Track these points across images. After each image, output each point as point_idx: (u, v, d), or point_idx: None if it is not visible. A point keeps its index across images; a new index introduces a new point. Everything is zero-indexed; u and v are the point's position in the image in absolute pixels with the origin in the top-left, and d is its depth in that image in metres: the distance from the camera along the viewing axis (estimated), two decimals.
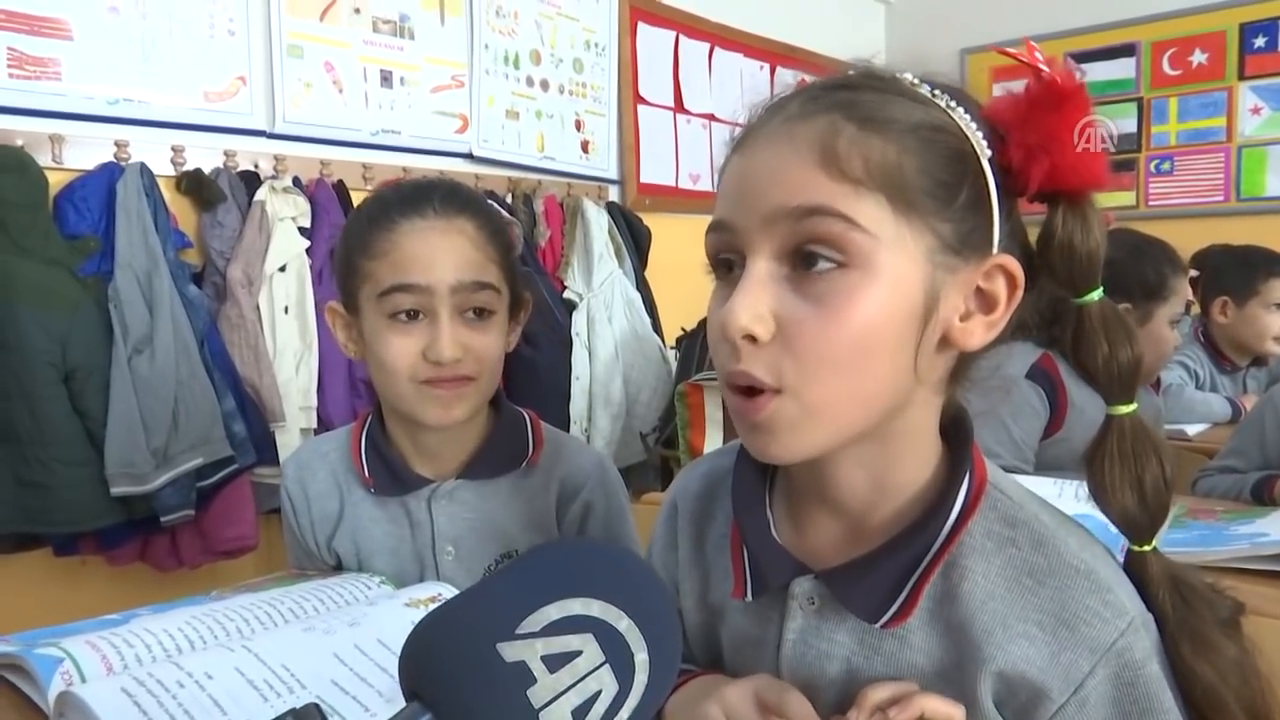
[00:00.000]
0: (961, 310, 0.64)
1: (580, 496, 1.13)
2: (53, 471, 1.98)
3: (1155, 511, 0.66)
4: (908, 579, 0.66)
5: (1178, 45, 4.20)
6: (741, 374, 0.62)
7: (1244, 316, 2.57)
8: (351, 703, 0.79)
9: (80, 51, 2.19)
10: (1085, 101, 0.63)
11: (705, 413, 2.53)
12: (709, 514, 0.82)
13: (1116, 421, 0.67)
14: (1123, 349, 0.66)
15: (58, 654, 0.81)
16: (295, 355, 2.43)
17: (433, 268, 1.01)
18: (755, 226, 0.63)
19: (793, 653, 0.71)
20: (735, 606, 0.76)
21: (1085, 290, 0.66)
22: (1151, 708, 0.62)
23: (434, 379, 1.02)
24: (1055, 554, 0.65)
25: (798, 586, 0.71)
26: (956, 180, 0.61)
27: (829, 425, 0.63)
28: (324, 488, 1.16)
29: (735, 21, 4.03)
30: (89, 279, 2.09)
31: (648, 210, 3.59)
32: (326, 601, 0.99)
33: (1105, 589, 0.64)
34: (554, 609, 0.43)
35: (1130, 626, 0.63)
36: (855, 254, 0.60)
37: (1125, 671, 0.62)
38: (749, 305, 0.61)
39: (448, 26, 2.97)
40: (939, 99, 0.63)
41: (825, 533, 0.72)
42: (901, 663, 0.67)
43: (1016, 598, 0.65)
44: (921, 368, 0.63)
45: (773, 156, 0.63)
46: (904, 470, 0.69)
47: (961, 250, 0.62)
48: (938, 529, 0.66)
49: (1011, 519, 0.67)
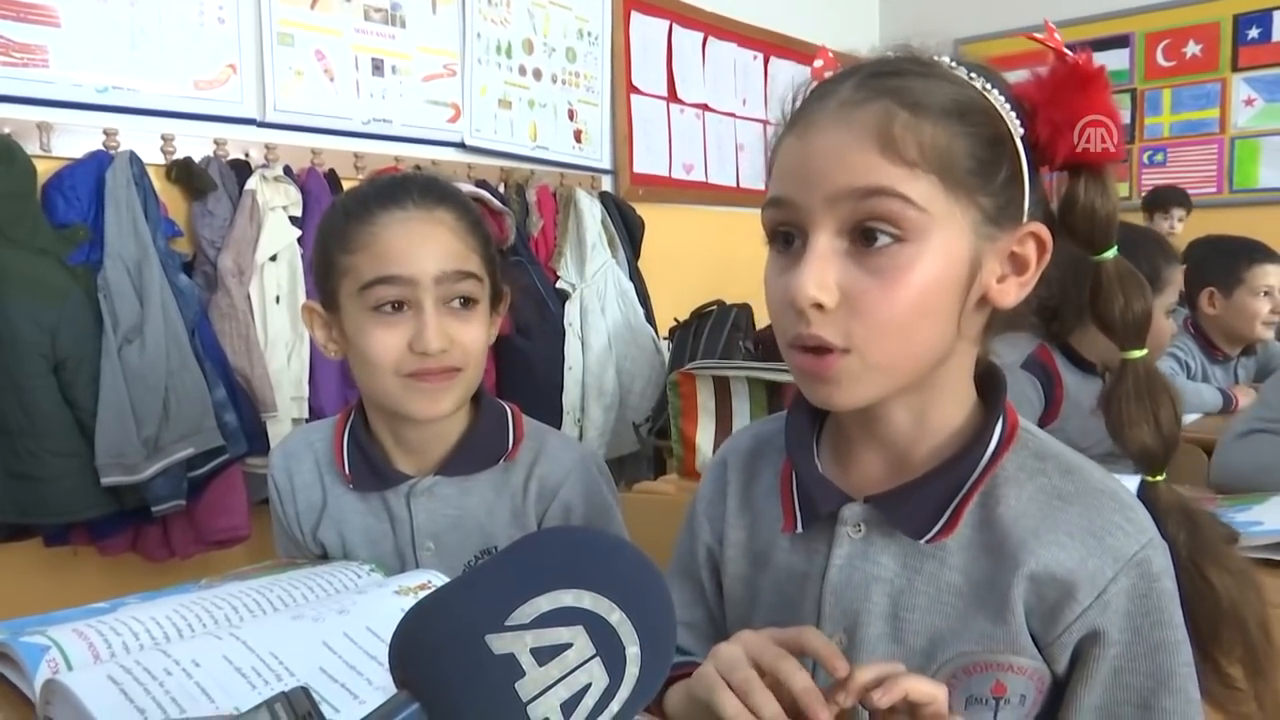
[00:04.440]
0: (998, 273, 0.71)
1: (559, 495, 1.12)
2: (43, 462, 1.97)
3: (1169, 443, 0.75)
4: (950, 501, 0.73)
5: (1171, 36, 4.20)
6: (813, 336, 0.69)
7: (1233, 305, 2.60)
8: (340, 690, 0.78)
9: (68, 38, 2.17)
10: (1105, 85, 0.71)
11: (698, 402, 2.53)
12: (757, 468, 0.89)
13: (1131, 365, 0.75)
14: (1136, 300, 0.74)
15: (44, 642, 0.80)
16: (287, 345, 2.43)
17: (415, 258, 1.00)
18: (818, 205, 0.68)
19: (839, 578, 0.77)
20: (782, 546, 0.82)
21: (1103, 248, 0.74)
22: (1162, 620, 0.69)
23: (420, 371, 1.02)
24: (1082, 479, 0.73)
25: (847, 512, 0.77)
26: (996, 159, 0.69)
27: (886, 378, 0.70)
28: (309, 478, 1.15)
29: (729, 11, 4.02)
30: (78, 268, 2.08)
31: (641, 200, 3.58)
32: (315, 589, 0.98)
33: (1129, 507, 0.72)
34: (545, 600, 0.42)
35: (1150, 543, 0.70)
36: (911, 229, 0.67)
37: (1141, 583, 0.69)
38: (816, 277, 0.67)
39: (439, 15, 2.96)
40: (975, 80, 0.70)
41: (871, 468, 0.79)
42: (941, 582, 0.73)
43: (1047, 514, 0.71)
44: (963, 325, 0.71)
45: (833, 140, 0.69)
46: (942, 411, 0.76)
47: (1000, 220, 0.70)
48: (976, 460, 0.74)
49: (1041, 453, 0.75)
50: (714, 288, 3.34)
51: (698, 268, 3.60)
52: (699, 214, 3.84)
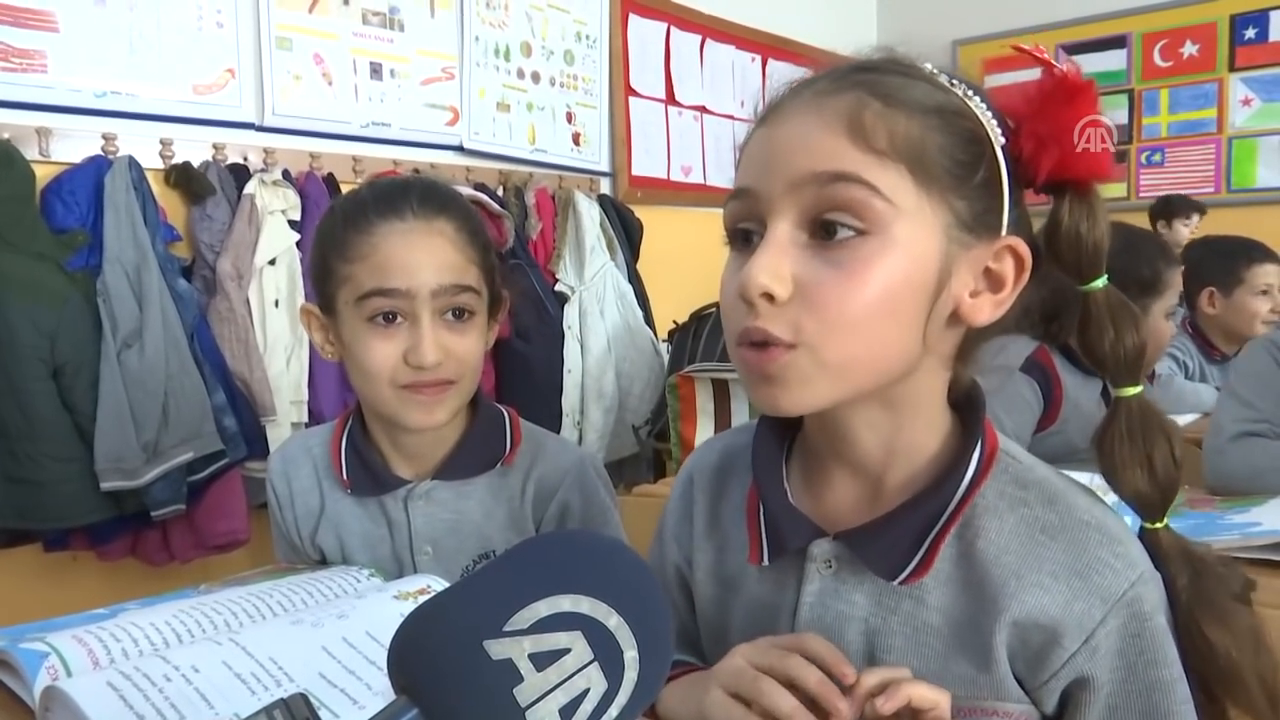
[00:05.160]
0: (971, 287, 0.67)
1: (557, 497, 1.12)
2: (42, 467, 1.97)
3: (1166, 488, 0.70)
4: (925, 536, 0.68)
5: (1169, 37, 4.20)
6: (758, 330, 0.64)
7: (1232, 305, 2.61)
8: (340, 696, 0.78)
9: (67, 43, 2.17)
10: (1094, 98, 0.66)
11: (697, 404, 2.53)
12: (725, 486, 0.84)
13: (1124, 403, 0.70)
14: (1128, 333, 0.69)
15: (43, 648, 0.80)
16: (286, 349, 2.42)
17: (413, 271, 1.00)
18: (779, 192, 0.65)
19: (810, 615, 0.73)
20: (751, 575, 0.78)
21: (1091, 277, 0.69)
22: (1156, 659, 0.64)
23: (415, 384, 1.01)
24: (1066, 510, 0.68)
25: (816, 548, 0.72)
26: (973, 160, 0.65)
27: (838, 381, 0.65)
28: (307, 484, 1.15)
29: (727, 14, 4.02)
30: (77, 273, 2.08)
31: (639, 203, 3.58)
32: (315, 594, 0.98)
33: (1116, 541, 0.66)
34: (543, 605, 0.42)
35: (1140, 579, 0.65)
36: (875, 221, 0.62)
37: (1133, 622, 0.65)
38: (769, 265, 0.63)
39: (438, 18, 2.96)
40: (956, 87, 0.67)
41: (843, 496, 0.74)
42: (918, 622, 0.69)
43: (1030, 551, 0.67)
44: (930, 338, 0.66)
45: (800, 125, 0.65)
46: (913, 434, 0.71)
47: (975, 228, 0.65)
48: (952, 490, 0.69)
49: (1023, 480, 0.70)
50: (713, 290, 3.29)
51: (696, 270, 3.58)
52: (697, 216, 3.84)
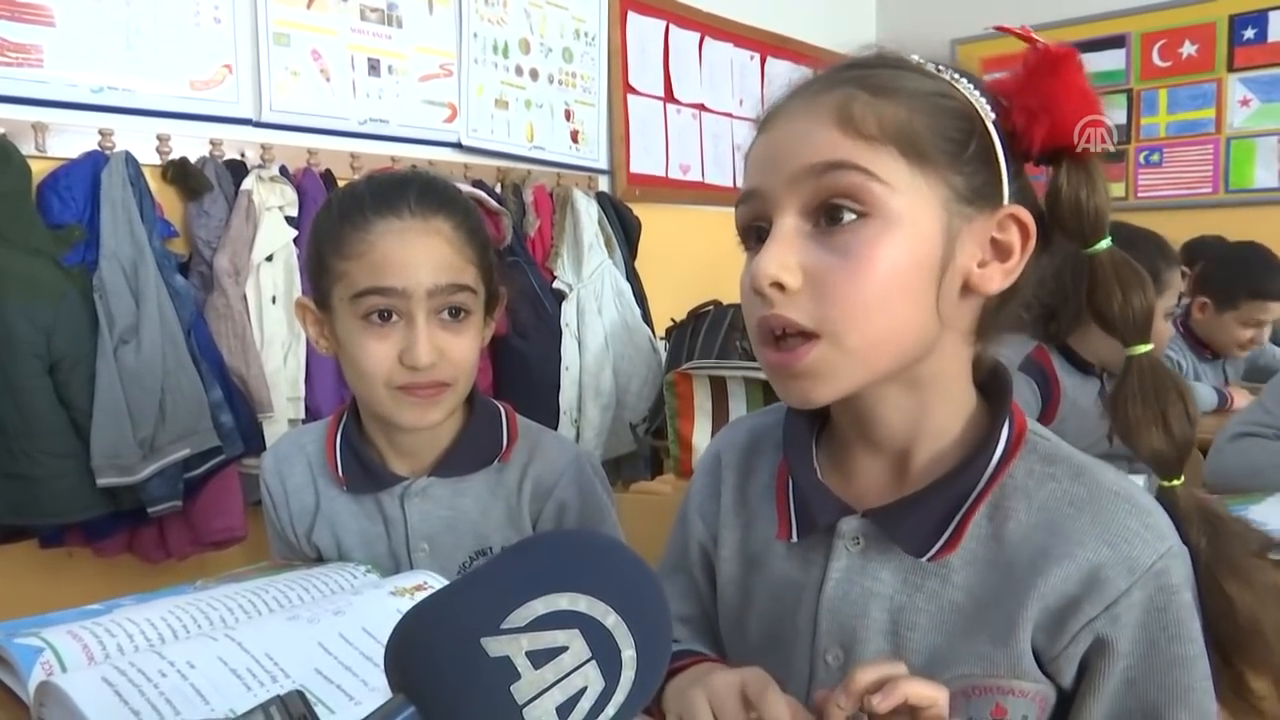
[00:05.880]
0: (979, 258, 0.69)
1: (554, 495, 1.12)
2: (38, 463, 1.97)
3: (1181, 444, 0.71)
4: (954, 514, 0.70)
5: (1167, 37, 4.20)
6: (776, 318, 0.67)
7: (1220, 322, 2.62)
8: (336, 692, 0.78)
9: (63, 38, 2.16)
10: (1078, 63, 0.69)
11: (694, 402, 2.53)
12: (753, 464, 0.85)
13: (1136, 361, 0.71)
14: (1135, 292, 0.70)
15: (38, 644, 0.80)
16: (283, 345, 2.42)
17: (409, 271, 0.99)
18: (781, 188, 0.68)
19: (835, 593, 0.74)
20: (777, 552, 0.79)
21: (1095, 241, 0.71)
22: (1180, 635, 0.65)
23: (410, 385, 1.01)
24: (1094, 482, 0.69)
25: (845, 525, 0.74)
26: (964, 137, 0.67)
27: (862, 366, 0.67)
28: (301, 481, 1.15)
29: (726, 11, 4.01)
30: (74, 269, 2.07)
31: (638, 200, 3.58)
32: (311, 590, 0.98)
33: (1145, 512, 0.68)
34: (540, 604, 0.42)
35: (1169, 552, 0.66)
36: (874, 203, 0.65)
37: (1159, 595, 0.65)
38: (776, 255, 0.66)
39: (436, 15, 2.95)
40: (944, 73, 0.70)
41: (870, 477, 0.76)
42: (944, 600, 0.70)
43: (1059, 525, 0.68)
44: (945, 312, 0.68)
45: (796, 124, 0.69)
46: (939, 415, 0.73)
47: (975, 200, 0.68)
48: (981, 469, 0.70)
49: (1051, 457, 0.72)
50: (711, 288, 3.33)
51: (694, 267, 3.59)
52: (696, 214, 3.83)
